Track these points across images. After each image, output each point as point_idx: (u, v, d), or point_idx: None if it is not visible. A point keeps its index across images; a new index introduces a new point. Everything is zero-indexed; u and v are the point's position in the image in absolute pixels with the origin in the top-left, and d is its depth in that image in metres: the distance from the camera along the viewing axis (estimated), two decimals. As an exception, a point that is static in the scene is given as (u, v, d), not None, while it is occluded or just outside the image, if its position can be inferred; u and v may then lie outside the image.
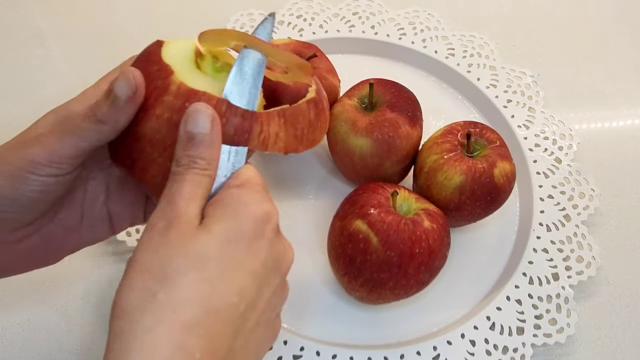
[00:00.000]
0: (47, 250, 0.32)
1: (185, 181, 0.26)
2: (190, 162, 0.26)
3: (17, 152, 0.28)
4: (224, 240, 0.25)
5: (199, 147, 0.26)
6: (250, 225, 0.26)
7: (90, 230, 0.34)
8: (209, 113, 0.27)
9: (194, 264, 0.24)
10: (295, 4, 0.63)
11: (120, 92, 0.27)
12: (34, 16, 0.63)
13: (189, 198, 0.26)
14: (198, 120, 0.27)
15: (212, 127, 0.27)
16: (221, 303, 0.24)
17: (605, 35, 0.66)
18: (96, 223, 0.34)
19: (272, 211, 0.27)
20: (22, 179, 0.28)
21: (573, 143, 0.54)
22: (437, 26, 0.62)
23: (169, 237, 0.24)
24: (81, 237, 0.34)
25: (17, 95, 0.56)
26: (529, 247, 0.47)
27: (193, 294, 0.23)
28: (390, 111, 0.43)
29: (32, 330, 0.42)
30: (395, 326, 0.44)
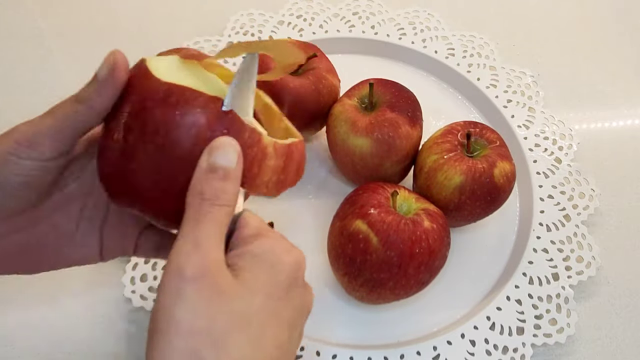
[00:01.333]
0: (34, 255, 0.31)
1: (211, 221, 0.25)
2: (214, 197, 0.25)
3: (5, 135, 0.28)
4: (264, 294, 0.25)
5: (226, 181, 0.25)
6: (286, 275, 0.26)
7: (80, 248, 0.32)
8: (237, 147, 0.26)
9: (240, 323, 0.23)
10: (295, 4, 0.63)
11: (100, 72, 0.27)
12: (34, 16, 0.63)
13: (216, 241, 0.25)
14: (227, 153, 0.25)
15: (237, 163, 0.26)
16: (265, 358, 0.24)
17: (605, 35, 0.66)
18: (88, 241, 0.33)
19: (301, 257, 0.27)
20: (4, 162, 0.27)
21: (573, 143, 0.54)
22: (437, 26, 0.62)
23: (206, 292, 0.23)
24: (71, 250, 0.32)
25: (17, 95, 0.56)
26: (529, 247, 0.47)
27: (241, 355, 0.23)
28: (390, 111, 0.43)
29: (32, 330, 0.42)
30: (395, 326, 0.44)
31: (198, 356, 0.22)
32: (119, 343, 0.41)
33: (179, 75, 0.29)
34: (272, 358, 0.24)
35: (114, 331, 0.42)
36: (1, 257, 0.30)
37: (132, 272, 0.44)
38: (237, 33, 0.59)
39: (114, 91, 0.28)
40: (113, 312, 0.43)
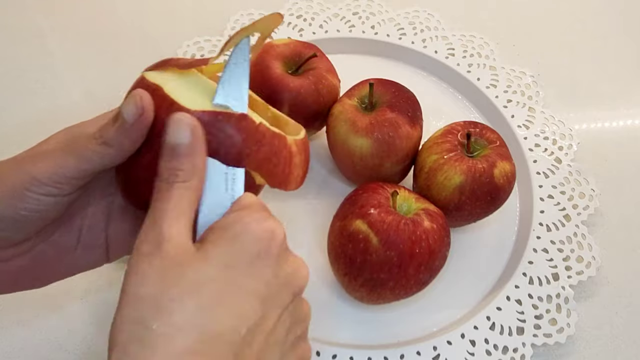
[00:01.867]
0: (36, 272, 0.31)
1: (168, 198, 0.25)
2: (171, 176, 0.25)
3: (21, 166, 0.27)
4: (221, 265, 0.24)
5: (179, 158, 0.25)
6: (251, 245, 0.25)
7: (84, 256, 0.33)
8: (188, 122, 0.26)
9: (189, 290, 0.23)
10: (295, 4, 0.63)
11: (127, 114, 0.26)
12: (34, 16, 0.63)
13: (172, 217, 0.24)
14: (177, 130, 0.25)
15: (192, 136, 0.26)
16: (219, 328, 0.23)
17: (605, 35, 0.66)
18: (92, 248, 0.33)
19: (276, 228, 0.26)
20: (20, 196, 0.27)
21: (573, 143, 0.54)
22: (437, 26, 0.62)
23: (158, 264, 0.23)
24: (75, 261, 0.32)
25: (17, 95, 0.56)
26: (529, 247, 0.47)
27: (189, 322, 0.22)
28: (390, 111, 0.43)
29: (32, 331, 0.42)
30: (395, 326, 0.44)
31: (144, 323, 0.22)
32: (119, 343, 0.41)
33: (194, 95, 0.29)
34: (231, 327, 0.23)
35: (114, 331, 0.42)
36: (4, 280, 0.30)
37: (132, 272, 0.44)
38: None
39: (143, 133, 0.27)
40: (113, 312, 0.43)
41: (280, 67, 0.46)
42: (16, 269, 0.30)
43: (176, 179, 0.25)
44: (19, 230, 0.28)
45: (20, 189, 0.27)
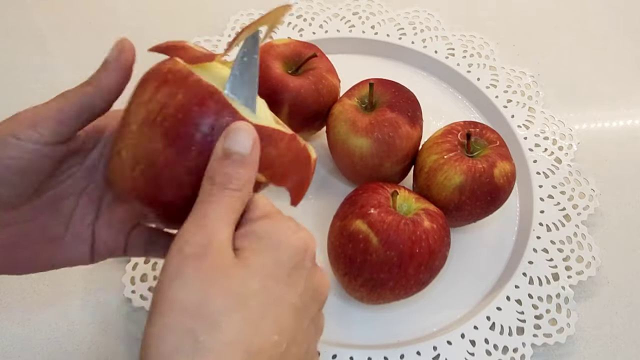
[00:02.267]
0: (22, 252, 0.30)
1: (219, 203, 0.24)
2: (226, 182, 0.25)
3: (9, 119, 0.27)
4: (264, 276, 0.24)
5: (236, 165, 0.25)
6: (289, 256, 0.25)
7: (70, 248, 0.32)
8: (253, 134, 0.25)
9: (236, 304, 0.22)
10: (295, 4, 0.63)
11: (109, 55, 0.28)
12: (34, 16, 0.63)
13: (222, 222, 0.24)
14: (241, 138, 0.25)
15: (253, 148, 0.25)
16: (264, 343, 0.23)
17: (605, 35, 0.66)
18: (78, 242, 0.32)
19: (309, 239, 0.26)
20: (4, 145, 0.26)
21: (573, 143, 0.54)
22: (437, 26, 0.62)
23: (204, 271, 0.23)
24: (60, 252, 0.32)
25: (17, 95, 0.56)
26: (529, 247, 0.47)
27: (236, 337, 0.22)
28: (390, 111, 0.43)
29: (32, 330, 0.42)
30: (395, 326, 0.44)
31: (192, 335, 0.21)
32: (119, 343, 0.41)
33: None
34: (274, 342, 0.23)
35: (114, 331, 0.42)
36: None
37: (132, 272, 0.44)
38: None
39: (122, 72, 0.28)
40: (113, 312, 0.43)
41: (280, 67, 0.46)
42: (3, 241, 0.29)
43: (230, 185, 0.25)
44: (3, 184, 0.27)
45: (3, 136, 0.26)
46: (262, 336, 0.23)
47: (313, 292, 0.26)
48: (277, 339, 0.23)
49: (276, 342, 0.23)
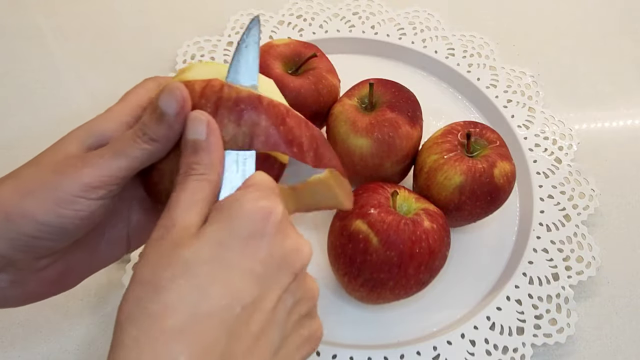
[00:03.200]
0: (68, 276, 0.31)
1: (183, 189, 0.26)
2: (189, 170, 0.26)
3: (64, 176, 0.27)
4: (214, 244, 0.24)
5: (197, 153, 0.26)
6: (244, 223, 0.25)
7: (107, 251, 0.33)
8: (203, 119, 0.26)
9: (183, 271, 0.23)
10: (295, 4, 0.63)
11: (168, 108, 0.27)
12: (34, 16, 0.63)
13: (185, 206, 0.25)
14: (194, 127, 0.26)
15: (208, 132, 0.26)
16: (211, 307, 0.23)
17: (605, 35, 0.66)
18: (115, 243, 0.33)
19: (272, 207, 0.25)
20: (71, 204, 0.26)
21: (573, 143, 0.54)
22: (437, 26, 0.62)
23: (161, 247, 0.24)
24: (99, 258, 0.33)
25: (17, 95, 0.56)
26: (529, 247, 0.47)
27: (181, 301, 0.23)
28: (390, 111, 0.43)
29: (32, 330, 0.42)
30: (395, 326, 0.44)
31: (140, 302, 0.23)
32: (119, 343, 0.41)
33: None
34: (224, 306, 0.23)
35: (114, 331, 0.42)
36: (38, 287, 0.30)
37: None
38: (237, 33, 0.59)
39: (181, 127, 0.27)
40: (114, 312, 0.43)
41: (280, 67, 0.46)
42: (50, 275, 0.30)
43: (192, 172, 0.26)
44: (64, 238, 0.28)
45: (70, 196, 0.26)
46: (210, 300, 0.23)
47: (280, 259, 0.25)
48: (227, 303, 0.23)
49: (226, 305, 0.23)
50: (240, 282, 0.24)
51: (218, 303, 0.23)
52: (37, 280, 0.29)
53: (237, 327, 0.23)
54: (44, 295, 0.31)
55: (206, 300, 0.23)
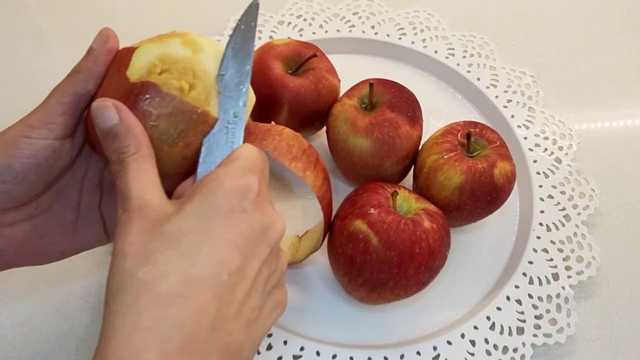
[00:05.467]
0: (37, 242, 0.33)
1: (126, 173, 0.27)
2: (120, 155, 0.28)
3: (16, 123, 0.30)
4: (196, 217, 0.26)
5: (118, 137, 0.28)
6: (223, 199, 0.26)
7: (85, 233, 0.35)
8: (108, 104, 0.28)
9: (169, 243, 0.25)
10: (295, 4, 0.63)
11: (93, 44, 0.31)
12: (34, 16, 0.63)
13: (138, 185, 0.27)
14: (103, 115, 0.28)
15: (119, 113, 0.28)
16: (200, 273, 0.24)
17: (605, 35, 0.66)
18: (90, 225, 0.35)
19: (249, 183, 0.27)
20: (15, 144, 0.29)
21: (573, 143, 0.54)
22: (437, 26, 0.62)
23: (139, 224, 0.25)
24: (76, 238, 0.34)
25: (17, 95, 0.56)
26: (529, 247, 0.47)
27: (171, 269, 0.24)
28: (390, 111, 0.43)
29: (32, 330, 0.42)
30: (395, 326, 0.44)
31: (130, 274, 0.24)
32: (119, 343, 0.41)
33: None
34: (213, 273, 0.25)
35: (114, 331, 0.42)
36: (11, 245, 0.31)
37: (132, 272, 0.44)
38: (237, 33, 0.59)
39: (107, 58, 0.31)
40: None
41: (280, 67, 0.46)
42: (20, 234, 0.31)
43: (125, 155, 0.28)
44: (18, 182, 0.30)
45: (16, 136, 0.29)
46: (199, 267, 0.24)
47: (259, 233, 0.27)
48: (215, 270, 0.25)
49: (214, 272, 0.25)
50: (225, 251, 0.25)
51: (206, 270, 0.25)
52: (6, 236, 0.31)
53: (225, 293, 0.25)
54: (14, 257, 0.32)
55: (195, 267, 0.24)
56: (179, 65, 0.30)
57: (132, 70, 0.30)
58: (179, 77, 0.30)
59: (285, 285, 0.36)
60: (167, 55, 0.30)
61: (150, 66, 0.30)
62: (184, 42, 0.31)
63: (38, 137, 0.29)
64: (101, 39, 0.31)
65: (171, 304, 0.23)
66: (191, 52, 0.31)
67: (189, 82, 0.30)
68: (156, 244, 0.25)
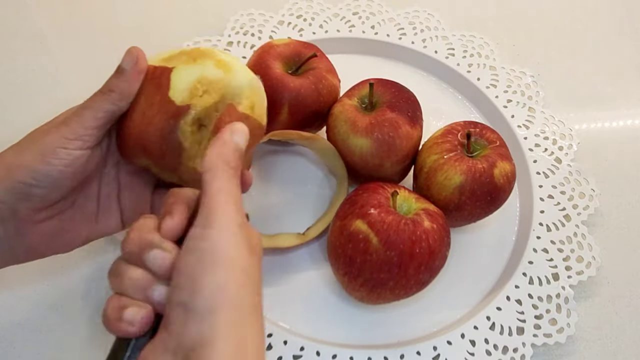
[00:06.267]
0: (64, 235, 0.36)
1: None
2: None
3: (49, 134, 0.32)
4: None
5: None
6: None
7: (104, 222, 0.38)
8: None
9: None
10: (295, 4, 0.63)
11: (124, 64, 0.33)
12: (34, 16, 0.63)
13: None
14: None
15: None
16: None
17: (605, 35, 0.66)
18: (110, 215, 0.38)
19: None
20: (54, 154, 0.32)
21: (573, 143, 0.54)
22: (437, 26, 0.62)
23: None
24: (96, 227, 0.38)
25: (17, 96, 0.56)
26: (529, 247, 0.47)
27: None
28: (390, 111, 0.43)
29: (32, 330, 0.42)
30: (395, 326, 0.44)
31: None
32: (119, 343, 0.41)
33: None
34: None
35: (114, 331, 0.42)
36: (38, 241, 0.34)
37: (132, 272, 0.44)
38: (237, 33, 0.59)
39: (138, 79, 0.34)
40: (113, 312, 0.43)
41: (280, 67, 0.46)
42: (48, 230, 0.34)
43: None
44: (55, 187, 0.33)
45: (53, 147, 0.32)
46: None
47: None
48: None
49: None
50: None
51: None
52: (38, 233, 0.34)
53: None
54: (44, 250, 0.35)
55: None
56: (215, 86, 0.34)
57: (175, 93, 0.33)
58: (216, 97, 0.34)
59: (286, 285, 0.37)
60: (204, 77, 0.34)
61: (192, 89, 0.33)
62: (217, 64, 0.35)
63: (73, 148, 0.32)
64: (131, 59, 0.33)
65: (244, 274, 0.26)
66: (223, 73, 0.34)
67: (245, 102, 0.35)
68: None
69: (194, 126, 0.34)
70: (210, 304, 0.25)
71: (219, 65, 0.34)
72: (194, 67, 0.34)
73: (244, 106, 0.34)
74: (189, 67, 0.34)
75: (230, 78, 0.34)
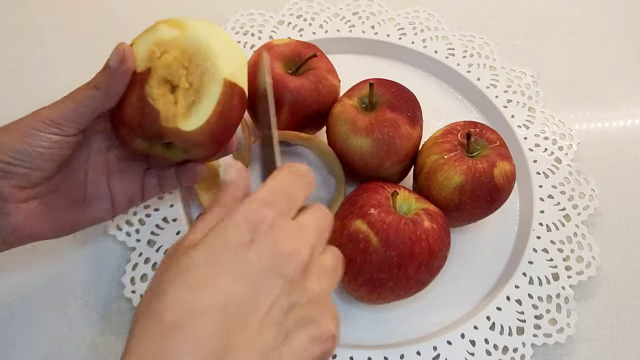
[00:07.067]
0: (49, 218, 0.36)
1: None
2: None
3: (29, 116, 0.33)
4: (209, 251, 0.26)
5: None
6: (233, 236, 0.27)
7: (93, 208, 0.38)
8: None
9: (180, 274, 0.26)
10: (295, 4, 0.63)
11: (112, 62, 0.33)
12: (34, 16, 0.63)
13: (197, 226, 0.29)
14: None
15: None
16: (204, 304, 0.25)
17: (605, 35, 0.66)
18: (99, 201, 0.38)
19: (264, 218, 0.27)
20: (32, 135, 0.33)
21: (573, 143, 0.54)
22: (437, 26, 0.62)
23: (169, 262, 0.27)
24: (85, 213, 0.38)
25: (17, 96, 0.56)
26: (529, 247, 0.47)
27: (176, 300, 0.25)
28: (390, 111, 0.43)
29: (32, 330, 0.42)
30: (395, 326, 0.44)
31: (146, 305, 0.26)
32: (119, 343, 0.41)
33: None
34: (217, 304, 0.25)
35: (114, 331, 0.42)
36: (27, 220, 0.35)
37: (132, 272, 0.44)
38: (237, 33, 0.59)
39: (125, 79, 0.33)
40: (114, 312, 0.43)
41: (280, 67, 0.46)
42: (34, 209, 0.35)
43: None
44: (35, 168, 0.33)
45: (31, 129, 0.33)
46: (203, 299, 0.25)
47: (269, 264, 0.27)
48: (220, 301, 0.25)
49: (220, 304, 0.25)
50: (232, 284, 0.26)
51: (210, 301, 0.25)
52: (22, 213, 0.34)
53: (234, 323, 0.25)
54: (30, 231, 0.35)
55: (198, 299, 0.25)
56: (172, 44, 0.34)
57: (138, 64, 0.34)
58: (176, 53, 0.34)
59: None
60: (160, 39, 0.34)
61: (150, 53, 0.34)
62: (170, 24, 0.35)
63: (49, 133, 0.33)
64: (118, 57, 0.33)
65: (174, 335, 0.24)
66: (178, 31, 0.35)
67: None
68: (170, 276, 0.26)
69: (163, 87, 0.34)
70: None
71: (173, 25, 0.35)
72: (149, 34, 0.35)
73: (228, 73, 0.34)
74: (145, 36, 0.35)
75: (187, 33, 0.35)
